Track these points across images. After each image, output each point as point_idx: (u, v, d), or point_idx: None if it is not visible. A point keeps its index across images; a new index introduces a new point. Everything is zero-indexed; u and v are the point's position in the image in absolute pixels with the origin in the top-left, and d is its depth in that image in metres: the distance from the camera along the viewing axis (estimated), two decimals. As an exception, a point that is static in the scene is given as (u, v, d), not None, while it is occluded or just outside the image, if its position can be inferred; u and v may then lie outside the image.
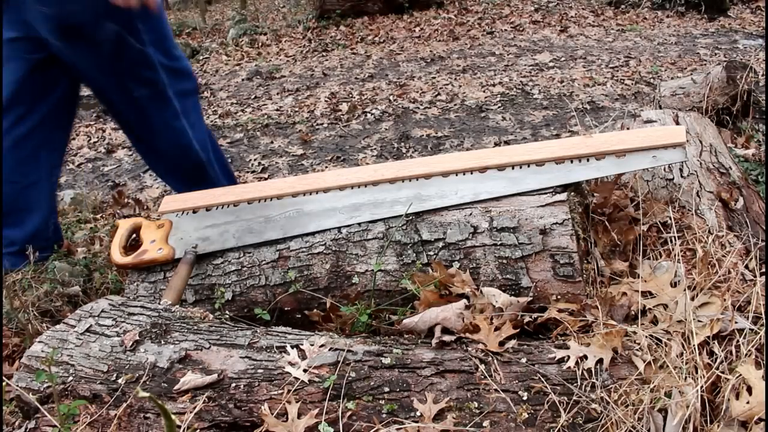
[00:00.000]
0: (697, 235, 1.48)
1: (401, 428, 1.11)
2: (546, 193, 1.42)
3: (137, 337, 1.29)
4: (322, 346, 1.24)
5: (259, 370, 1.21)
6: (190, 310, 1.40)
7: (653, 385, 1.11)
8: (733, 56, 5.07)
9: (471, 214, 1.44)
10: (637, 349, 1.19)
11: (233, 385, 1.20)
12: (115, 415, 1.20)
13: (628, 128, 2.05)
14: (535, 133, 3.81)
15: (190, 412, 1.17)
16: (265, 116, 4.75)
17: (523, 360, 1.19)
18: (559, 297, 1.36)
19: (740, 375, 1.10)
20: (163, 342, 1.28)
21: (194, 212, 1.69)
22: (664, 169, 1.71)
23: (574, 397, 1.12)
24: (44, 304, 1.97)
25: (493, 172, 1.50)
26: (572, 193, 1.44)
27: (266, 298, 1.55)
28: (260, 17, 9.16)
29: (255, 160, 3.88)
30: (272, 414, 1.15)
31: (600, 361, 1.16)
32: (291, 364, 1.21)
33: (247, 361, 1.23)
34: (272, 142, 4.17)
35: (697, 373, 1.13)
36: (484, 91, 4.66)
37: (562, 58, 5.49)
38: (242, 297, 1.56)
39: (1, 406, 1.30)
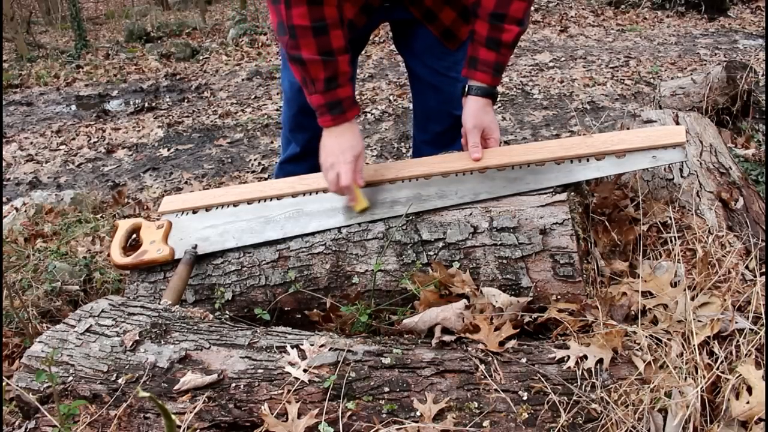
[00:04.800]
0: (697, 235, 1.48)
1: (401, 428, 1.11)
2: (546, 193, 1.42)
3: (137, 337, 1.29)
4: (322, 346, 1.24)
5: (259, 370, 1.21)
6: (190, 310, 1.40)
7: (653, 385, 1.11)
8: (733, 56, 5.07)
9: (471, 214, 1.44)
10: (637, 349, 1.19)
11: (233, 385, 1.20)
12: (115, 415, 1.20)
13: (628, 128, 2.05)
14: (535, 133, 3.81)
15: (190, 412, 1.17)
16: (265, 116, 4.75)
17: (523, 360, 1.19)
18: (559, 297, 1.36)
19: (740, 375, 1.10)
20: (163, 342, 1.28)
21: (194, 212, 1.69)
22: (664, 169, 1.70)
23: (574, 397, 1.11)
24: (44, 304, 1.97)
25: (493, 172, 1.50)
26: (572, 193, 1.44)
27: (266, 298, 1.54)
28: (260, 17, 9.16)
29: (255, 160, 3.88)
30: (272, 414, 1.15)
31: (600, 361, 1.16)
32: (291, 364, 1.21)
33: (247, 361, 1.23)
34: (272, 142, 4.17)
35: (697, 373, 1.13)
36: (484, 91, 4.65)
37: (562, 58, 5.49)
38: (242, 297, 1.56)
39: (1, 406, 1.30)
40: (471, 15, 1.56)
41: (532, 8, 7.58)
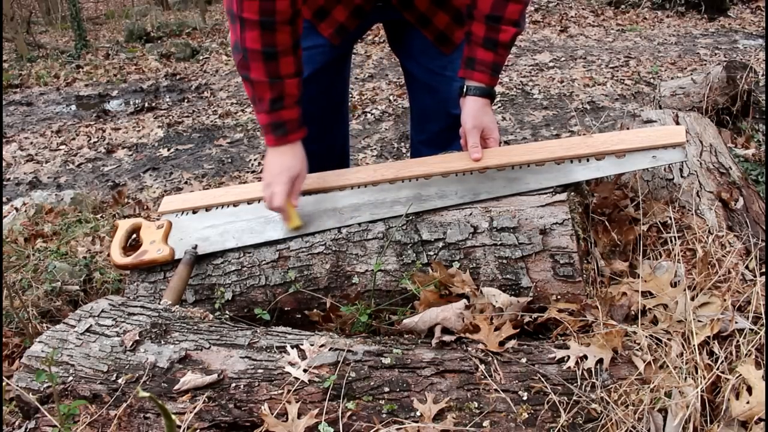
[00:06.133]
0: (697, 235, 1.48)
1: (401, 428, 1.11)
2: (546, 193, 1.42)
3: (137, 337, 1.29)
4: (322, 346, 1.24)
5: (259, 370, 1.22)
6: (190, 310, 1.40)
7: (653, 385, 1.11)
8: (733, 56, 5.07)
9: (471, 214, 1.44)
10: (637, 349, 1.19)
11: (233, 385, 1.20)
12: (115, 415, 1.20)
13: (628, 128, 2.05)
14: (535, 133, 3.81)
15: (190, 412, 1.17)
16: (265, 116, 4.73)
17: (523, 360, 1.19)
18: (559, 297, 1.36)
19: (740, 375, 1.10)
20: (163, 342, 1.28)
21: (194, 212, 1.69)
22: (664, 169, 1.70)
23: (574, 397, 1.11)
24: (44, 304, 1.97)
25: (493, 172, 1.50)
26: (572, 193, 1.44)
27: (266, 298, 1.55)
28: (260, 17, 9.14)
29: (255, 160, 3.88)
30: (272, 414, 1.15)
31: (600, 361, 1.16)
32: (291, 364, 1.21)
33: (247, 361, 1.23)
34: (272, 142, 4.16)
35: (697, 373, 1.13)
36: (484, 91, 4.65)
37: (562, 58, 5.49)
38: (242, 297, 1.56)
39: (1, 406, 1.30)
40: (466, 17, 1.56)
41: (532, 8, 7.56)
